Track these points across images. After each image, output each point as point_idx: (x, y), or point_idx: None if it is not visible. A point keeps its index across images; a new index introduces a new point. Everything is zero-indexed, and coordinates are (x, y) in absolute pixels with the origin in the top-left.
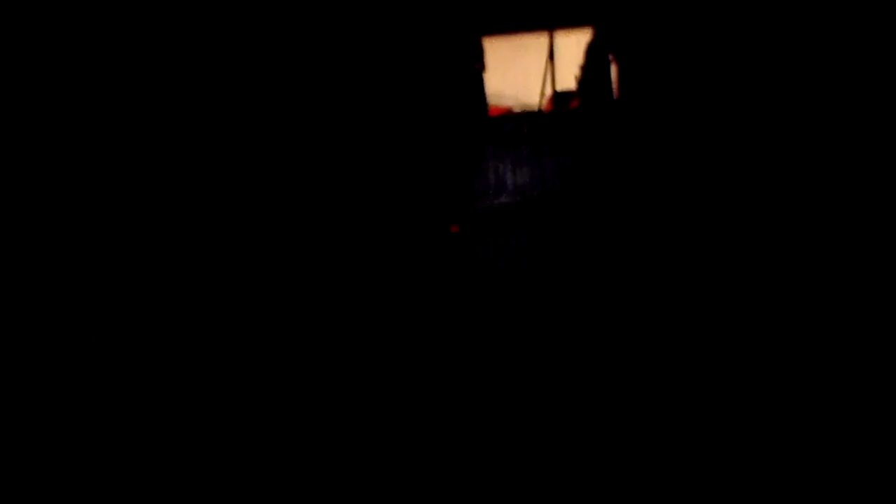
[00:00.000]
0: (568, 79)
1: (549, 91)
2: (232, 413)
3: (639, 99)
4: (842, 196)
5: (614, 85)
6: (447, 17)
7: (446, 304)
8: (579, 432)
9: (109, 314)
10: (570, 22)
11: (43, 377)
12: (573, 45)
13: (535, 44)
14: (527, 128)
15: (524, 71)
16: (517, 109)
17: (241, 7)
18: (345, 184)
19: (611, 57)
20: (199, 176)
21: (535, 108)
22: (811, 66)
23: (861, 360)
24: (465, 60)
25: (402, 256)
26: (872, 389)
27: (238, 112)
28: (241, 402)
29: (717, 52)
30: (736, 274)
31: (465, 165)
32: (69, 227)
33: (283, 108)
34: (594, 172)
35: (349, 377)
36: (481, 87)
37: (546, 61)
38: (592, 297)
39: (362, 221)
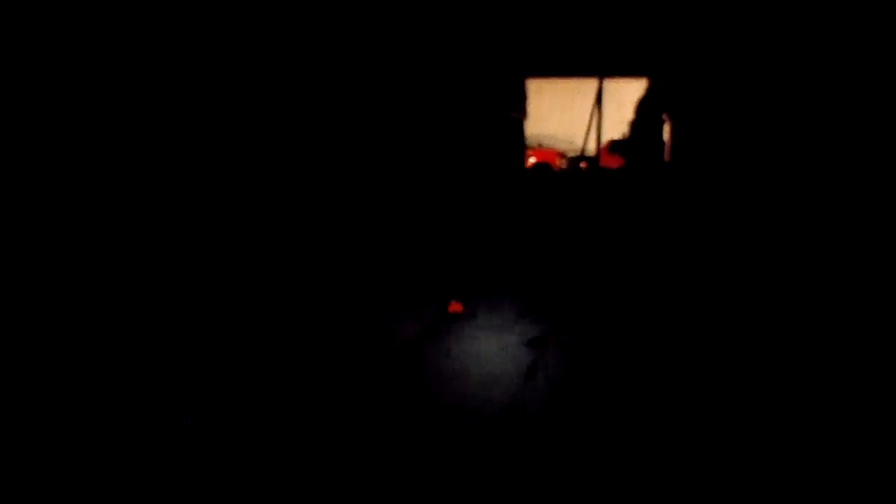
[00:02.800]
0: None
1: (594, 138)
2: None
3: (693, 165)
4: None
5: (667, 146)
6: (487, 57)
7: None
8: None
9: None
10: (622, 70)
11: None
12: (628, 94)
13: (593, 88)
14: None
15: (581, 115)
16: (570, 154)
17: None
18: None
19: (665, 116)
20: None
21: (592, 154)
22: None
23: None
24: (502, 107)
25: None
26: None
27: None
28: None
29: (791, 122)
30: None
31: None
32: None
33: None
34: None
35: None
36: (521, 135)
37: (593, 107)
38: None
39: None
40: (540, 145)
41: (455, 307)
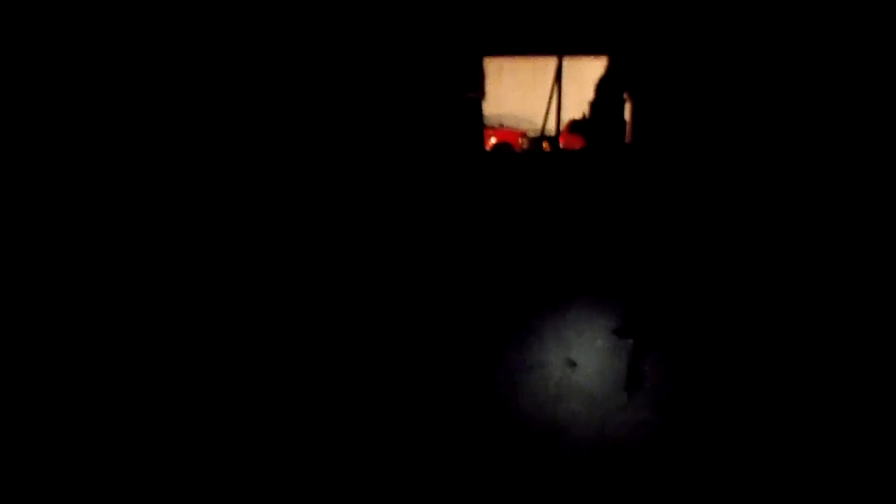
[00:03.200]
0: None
1: (554, 118)
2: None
3: (655, 146)
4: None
5: (628, 126)
6: (444, 34)
7: None
8: None
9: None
10: (582, 48)
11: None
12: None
13: (554, 67)
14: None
15: (543, 94)
16: (532, 134)
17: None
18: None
19: (626, 95)
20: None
21: (552, 134)
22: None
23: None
24: (458, 87)
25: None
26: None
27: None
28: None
29: (755, 103)
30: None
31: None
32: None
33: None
34: (595, 229)
35: None
36: (479, 116)
37: (552, 86)
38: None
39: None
40: (501, 125)
41: None
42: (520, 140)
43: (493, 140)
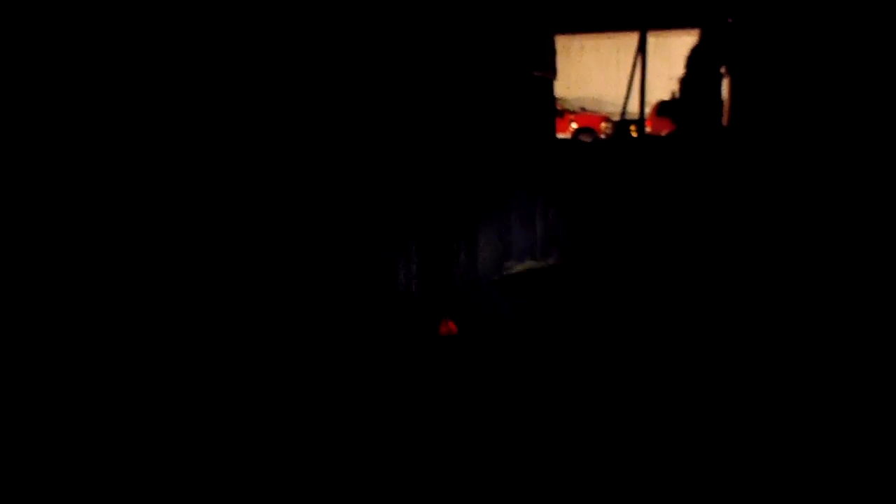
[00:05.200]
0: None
1: (637, 100)
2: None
3: (758, 130)
4: None
5: (725, 107)
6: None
7: None
8: None
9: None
10: (667, 21)
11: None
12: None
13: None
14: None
15: (627, 75)
16: (616, 118)
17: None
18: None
19: (723, 70)
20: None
21: (634, 117)
22: None
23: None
24: (525, 66)
25: None
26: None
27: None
28: None
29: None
30: None
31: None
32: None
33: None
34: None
35: None
36: (549, 98)
37: (634, 62)
38: None
39: None
40: (583, 109)
41: (448, 327)
42: (602, 125)
43: (573, 125)
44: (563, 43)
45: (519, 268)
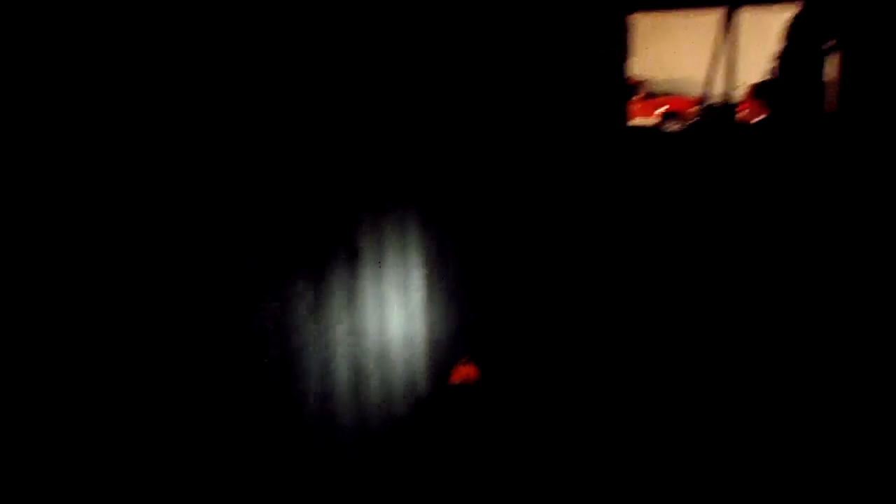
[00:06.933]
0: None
1: (723, 81)
2: None
3: (871, 116)
4: None
5: (829, 89)
6: None
7: None
8: None
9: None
10: None
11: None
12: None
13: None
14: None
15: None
16: (710, 101)
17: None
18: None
19: (830, 43)
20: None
21: (721, 100)
22: None
23: None
24: (595, 44)
25: None
26: None
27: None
28: None
29: None
30: None
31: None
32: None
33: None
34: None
35: None
36: (620, 78)
37: (718, 39)
38: None
39: None
40: (670, 92)
41: (465, 372)
42: (690, 109)
43: (660, 109)
44: (648, 21)
45: None
